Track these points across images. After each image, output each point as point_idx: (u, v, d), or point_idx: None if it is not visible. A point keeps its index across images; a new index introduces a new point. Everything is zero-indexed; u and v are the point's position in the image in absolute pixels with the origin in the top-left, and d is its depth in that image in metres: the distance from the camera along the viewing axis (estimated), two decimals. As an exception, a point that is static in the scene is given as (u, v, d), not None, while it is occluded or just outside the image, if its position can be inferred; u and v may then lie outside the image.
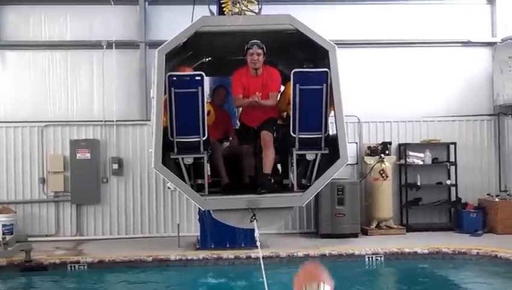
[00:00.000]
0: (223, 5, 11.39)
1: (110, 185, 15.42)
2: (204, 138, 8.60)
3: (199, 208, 13.09)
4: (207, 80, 10.96)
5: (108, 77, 15.55)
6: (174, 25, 8.67)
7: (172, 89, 8.38)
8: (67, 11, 15.71)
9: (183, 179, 8.66)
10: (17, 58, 15.69)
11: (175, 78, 8.44)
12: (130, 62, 15.73)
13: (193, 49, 9.61)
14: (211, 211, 9.10)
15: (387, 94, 16.03)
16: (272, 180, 10.07)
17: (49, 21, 15.72)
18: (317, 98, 8.66)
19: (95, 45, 15.48)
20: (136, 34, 15.71)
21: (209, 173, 9.22)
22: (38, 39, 15.63)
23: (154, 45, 8.71)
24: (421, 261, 12.63)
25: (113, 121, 15.47)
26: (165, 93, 8.46)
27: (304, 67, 9.31)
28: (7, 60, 15.67)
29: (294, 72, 8.64)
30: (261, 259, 8.42)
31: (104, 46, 15.43)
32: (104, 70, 15.57)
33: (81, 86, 15.67)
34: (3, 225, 14.38)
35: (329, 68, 8.61)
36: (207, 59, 10.57)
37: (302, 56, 9.82)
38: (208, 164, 9.06)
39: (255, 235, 8.50)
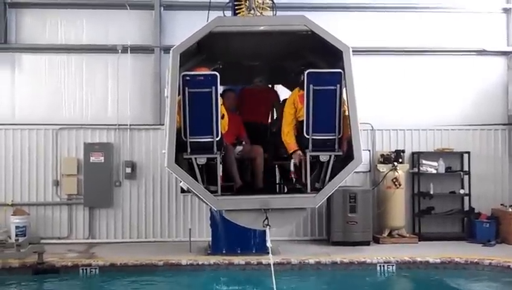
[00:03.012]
0: (237, 11, 11.43)
1: (122, 188, 15.48)
2: (217, 138, 8.60)
3: (211, 213, 13.24)
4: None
5: (123, 81, 15.64)
6: (188, 30, 8.63)
7: (186, 88, 8.38)
8: (83, 15, 15.84)
9: (196, 180, 8.65)
10: (33, 62, 15.79)
11: (189, 78, 8.43)
12: (144, 66, 15.81)
13: (207, 52, 9.62)
14: (223, 212, 9.03)
15: (401, 102, 16.00)
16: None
17: (65, 25, 15.85)
18: (331, 99, 8.62)
19: (111, 49, 15.58)
20: (151, 39, 15.79)
21: (221, 174, 9.19)
22: (54, 43, 15.75)
23: (168, 49, 8.75)
24: (433, 270, 12.54)
25: (127, 125, 15.54)
26: (179, 94, 8.47)
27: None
28: (23, 63, 15.78)
29: (308, 73, 8.59)
30: (272, 266, 8.42)
31: (119, 51, 15.52)
32: (119, 75, 15.67)
33: (96, 90, 15.77)
34: (17, 227, 14.51)
35: (343, 69, 8.60)
36: (221, 65, 10.57)
37: (315, 59, 9.76)
38: (221, 165, 9.04)
39: (267, 242, 8.49)
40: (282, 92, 11.97)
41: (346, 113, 8.62)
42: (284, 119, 9.31)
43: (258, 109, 11.27)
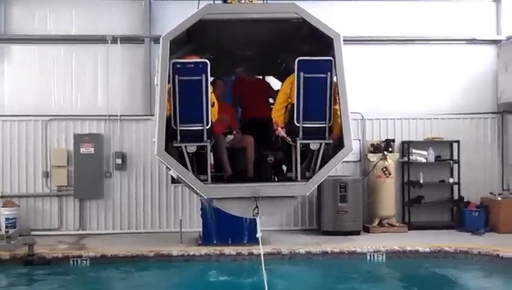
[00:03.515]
0: (228, 1, 11.38)
1: (113, 179, 15.48)
2: (208, 127, 8.58)
3: (202, 204, 13.24)
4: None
5: (113, 72, 15.61)
6: (179, 20, 8.59)
7: (176, 76, 8.35)
8: (72, 6, 15.77)
9: (186, 168, 8.62)
10: (22, 53, 15.74)
11: (179, 66, 8.40)
12: (134, 57, 15.77)
13: (198, 42, 9.58)
14: (213, 200, 8.99)
15: (391, 91, 16.04)
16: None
17: (55, 16, 15.79)
18: (322, 86, 8.61)
19: (100, 40, 15.53)
20: (140, 29, 15.75)
21: (212, 163, 9.17)
22: (43, 34, 15.68)
23: (158, 40, 8.71)
24: (423, 259, 12.63)
25: (117, 115, 15.53)
26: (169, 82, 8.44)
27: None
28: (12, 54, 15.72)
29: (299, 60, 8.57)
30: (262, 256, 8.43)
31: (109, 41, 15.49)
32: (109, 65, 15.64)
33: (86, 81, 15.72)
34: (7, 219, 14.50)
35: (334, 57, 8.59)
36: (212, 56, 10.54)
37: (306, 49, 9.75)
38: (211, 154, 9.01)
39: (257, 233, 8.49)
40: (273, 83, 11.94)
41: (337, 102, 8.63)
42: (278, 97, 9.31)
43: (259, 104, 11.19)
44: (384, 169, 14.99)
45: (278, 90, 9.95)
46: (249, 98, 11.17)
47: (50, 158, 15.38)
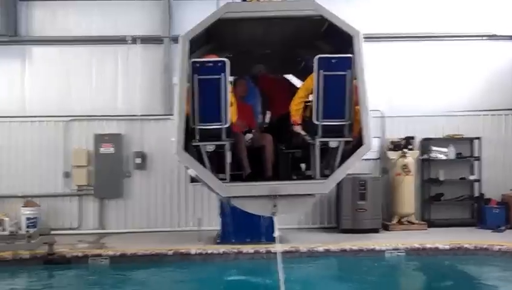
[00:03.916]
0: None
1: (133, 179, 15.58)
2: (226, 126, 8.59)
3: (220, 203, 13.26)
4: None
5: (133, 72, 15.73)
6: (198, 20, 8.63)
7: (196, 75, 8.38)
8: (92, 6, 15.90)
9: (204, 167, 8.63)
10: (43, 54, 15.91)
11: (198, 65, 8.42)
12: (154, 57, 15.85)
13: (217, 41, 9.60)
14: (231, 199, 8.94)
15: (411, 88, 15.93)
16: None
17: (75, 17, 15.94)
18: (341, 84, 8.56)
19: (120, 40, 15.65)
20: (160, 29, 15.82)
21: (230, 162, 9.18)
22: (64, 34, 15.81)
23: (178, 40, 8.78)
24: (443, 256, 12.52)
25: (137, 115, 15.61)
26: (188, 81, 8.47)
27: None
28: (33, 55, 15.90)
29: (319, 58, 8.54)
30: (279, 255, 8.40)
31: (129, 41, 15.60)
32: (129, 65, 15.78)
33: (106, 81, 15.85)
34: (27, 218, 14.65)
35: (354, 54, 8.54)
36: (231, 55, 10.56)
37: (326, 47, 9.72)
38: (230, 153, 9.02)
39: (274, 231, 8.48)
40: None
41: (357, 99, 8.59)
42: (299, 90, 9.33)
43: (287, 101, 11.19)
44: (403, 167, 14.91)
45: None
46: (275, 96, 11.16)
47: (70, 158, 15.51)
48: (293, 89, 11.11)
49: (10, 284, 11.37)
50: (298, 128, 9.16)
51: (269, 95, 11.43)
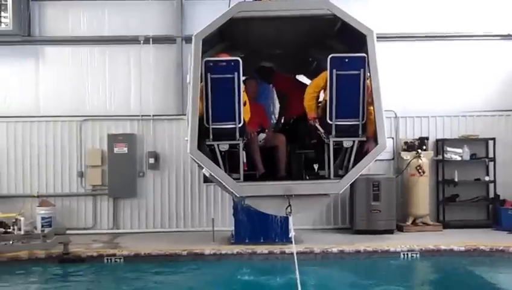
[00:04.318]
0: (258, -1, 11.37)
1: (146, 179, 15.60)
2: (240, 125, 8.57)
3: (234, 203, 13.25)
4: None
5: (146, 72, 15.73)
6: (210, 19, 8.61)
7: (209, 74, 8.38)
8: (105, 6, 15.91)
9: (218, 167, 8.61)
10: (57, 54, 15.94)
11: (211, 64, 8.42)
12: (166, 57, 15.86)
13: (229, 40, 9.59)
14: (245, 199, 8.93)
15: (425, 89, 15.84)
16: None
17: (88, 17, 15.96)
18: (355, 83, 8.52)
19: (132, 40, 15.66)
20: (172, 29, 15.82)
21: (244, 161, 9.16)
22: (77, 35, 15.85)
23: (190, 39, 8.76)
24: (458, 258, 12.45)
25: (150, 115, 15.64)
26: (201, 80, 8.46)
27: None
28: (47, 56, 15.93)
29: (332, 58, 8.52)
30: (295, 255, 8.37)
31: (141, 41, 15.60)
32: (141, 65, 15.77)
33: (119, 81, 15.87)
34: (43, 218, 14.68)
35: (367, 54, 8.50)
36: (242, 55, 10.55)
37: (339, 46, 9.68)
38: (244, 152, 9.00)
39: (290, 231, 8.43)
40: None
41: (370, 99, 8.54)
42: (309, 87, 9.34)
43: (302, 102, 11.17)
44: (418, 167, 14.84)
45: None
46: (291, 95, 11.12)
47: (84, 158, 15.58)
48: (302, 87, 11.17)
49: (25, 283, 11.43)
50: (315, 122, 9.10)
51: (286, 94, 11.39)
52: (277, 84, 11.70)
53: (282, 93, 11.68)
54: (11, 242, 12.57)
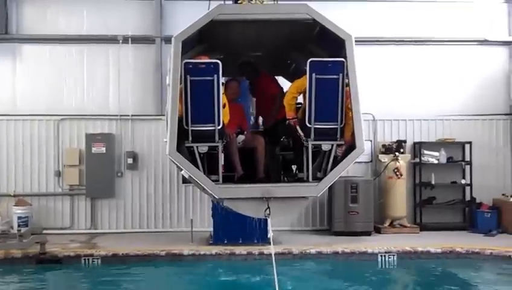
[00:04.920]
0: (239, 1, 11.37)
1: (124, 179, 15.53)
2: (219, 127, 8.58)
3: (213, 204, 13.24)
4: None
5: (124, 72, 15.66)
6: (190, 20, 8.59)
7: (188, 76, 8.35)
8: (83, 5, 15.81)
9: (197, 168, 8.61)
10: (34, 52, 15.80)
11: (191, 66, 8.40)
12: (145, 57, 15.80)
13: (209, 42, 9.59)
14: (224, 201, 8.99)
15: (403, 92, 15.99)
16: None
17: (66, 15, 15.83)
18: (334, 87, 8.58)
19: (111, 40, 15.58)
20: (152, 29, 15.78)
21: (223, 164, 9.17)
22: (54, 33, 15.72)
23: (170, 40, 8.74)
24: (435, 260, 12.59)
25: (129, 115, 15.57)
26: (180, 82, 8.45)
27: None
28: (24, 54, 15.79)
29: (311, 61, 8.54)
30: (273, 256, 8.40)
31: (120, 41, 15.53)
32: (120, 65, 15.69)
33: (97, 81, 15.78)
34: (19, 217, 14.55)
35: (346, 58, 8.56)
36: (222, 56, 10.55)
37: (318, 50, 9.73)
38: (223, 155, 9.01)
39: (268, 233, 8.45)
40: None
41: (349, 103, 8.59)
42: (291, 87, 9.31)
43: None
44: (395, 170, 14.95)
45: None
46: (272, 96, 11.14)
47: (62, 157, 15.45)
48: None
49: (1, 283, 11.30)
50: (295, 123, 9.14)
51: (268, 94, 11.37)
52: (260, 85, 11.68)
53: (264, 93, 11.64)
54: (-13, 242, 12.47)
